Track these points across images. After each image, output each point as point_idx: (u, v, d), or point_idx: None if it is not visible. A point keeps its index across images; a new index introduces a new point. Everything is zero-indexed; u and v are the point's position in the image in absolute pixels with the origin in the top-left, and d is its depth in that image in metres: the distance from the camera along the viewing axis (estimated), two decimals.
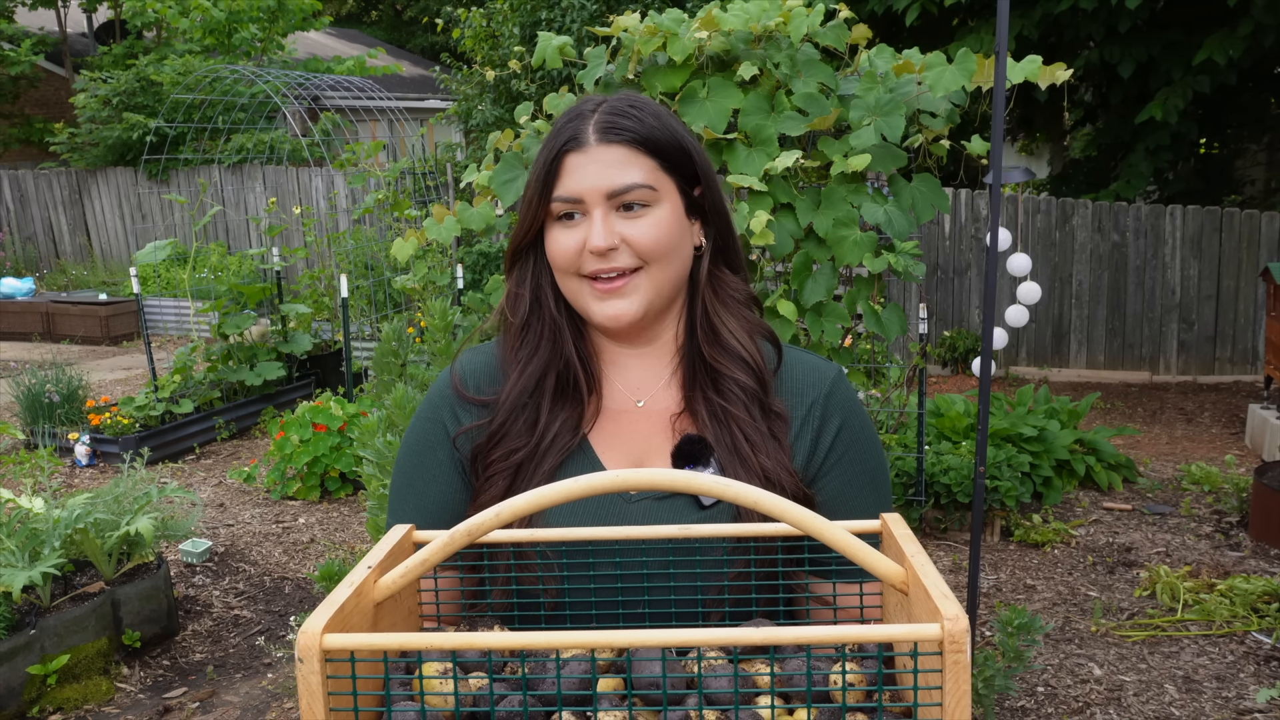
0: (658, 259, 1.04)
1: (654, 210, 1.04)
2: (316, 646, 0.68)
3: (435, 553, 0.75)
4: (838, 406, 1.09)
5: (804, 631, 0.67)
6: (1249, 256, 6.92)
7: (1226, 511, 4.43)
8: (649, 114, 1.05)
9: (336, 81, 9.52)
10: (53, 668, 3.02)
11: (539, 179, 1.05)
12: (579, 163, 1.03)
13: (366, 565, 0.80)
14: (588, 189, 1.02)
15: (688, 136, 1.08)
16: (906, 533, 0.84)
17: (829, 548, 0.93)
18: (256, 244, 10.76)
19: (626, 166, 1.02)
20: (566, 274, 1.06)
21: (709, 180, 1.10)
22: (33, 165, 12.92)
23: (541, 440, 1.06)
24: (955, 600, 0.68)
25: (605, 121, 1.03)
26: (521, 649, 0.69)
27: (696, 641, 0.67)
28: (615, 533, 0.91)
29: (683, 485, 0.72)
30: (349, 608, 0.74)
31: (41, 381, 5.71)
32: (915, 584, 0.74)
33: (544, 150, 1.06)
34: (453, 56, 10.26)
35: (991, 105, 2.24)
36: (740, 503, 0.72)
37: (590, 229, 1.03)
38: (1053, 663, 3.23)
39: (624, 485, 0.72)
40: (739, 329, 1.10)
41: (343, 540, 4.45)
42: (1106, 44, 7.51)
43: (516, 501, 0.73)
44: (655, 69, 2.64)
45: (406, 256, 3.00)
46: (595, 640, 0.66)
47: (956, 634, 0.65)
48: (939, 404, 4.90)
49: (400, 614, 0.89)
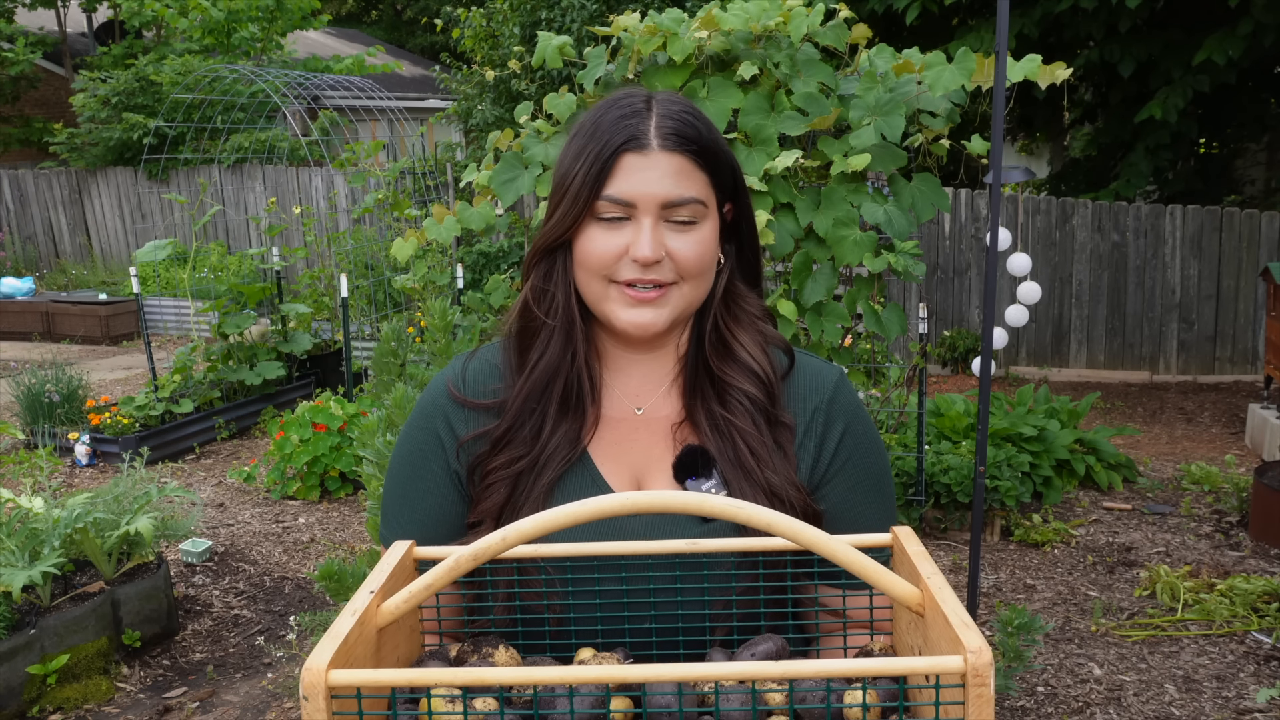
0: (695, 277, 1.02)
1: (701, 227, 1.01)
2: (322, 684, 0.67)
3: (440, 578, 0.74)
4: (841, 411, 1.08)
5: (823, 665, 0.66)
6: (1249, 256, 6.92)
7: (1226, 511, 4.43)
8: (704, 124, 1.02)
9: (336, 81, 9.52)
10: (53, 667, 3.02)
11: (590, 173, 0.98)
12: (638, 165, 0.97)
13: (369, 590, 0.79)
14: (644, 195, 0.97)
15: (729, 151, 1.05)
16: (920, 550, 0.83)
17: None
18: (256, 244, 10.75)
19: (686, 179, 0.98)
20: (596, 276, 1.01)
21: (744, 194, 1.07)
22: (32, 165, 12.91)
23: (543, 450, 1.04)
24: (977, 630, 0.66)
25: (669, 127, 0.99)
26: (533, 684, 0.67)
27: (713, 676, 0.66)
28: (621, 548, 0.89)
29: (694, 508, 0.71)
30: (353, 639, 0.73)
31: (41, 381, 5.70)
32: (933, 608, 0.73)
33: (592, 144, 0.99)
34: (453, 56, 10.25)
35: (991, 105, 2.24)
36: (753, 525, 0.71)
37: (637, 236, 0.98)
38: (1053, 662, 3.23)
39: (633, 508, 0.71)
40: (752, 343, 1.07)
41: (343, 540, 4.45)
42: (1106, 43, 7.51)
43: (523, 525, 0.72)
44: (655, 69, 2.64)
45: (406, 256, 3.00)
46: (607, 675, 0.65)
47: (980, 667, 0.64)
48: (939, 404, 4.89)
49: (403, 632, 0.88)
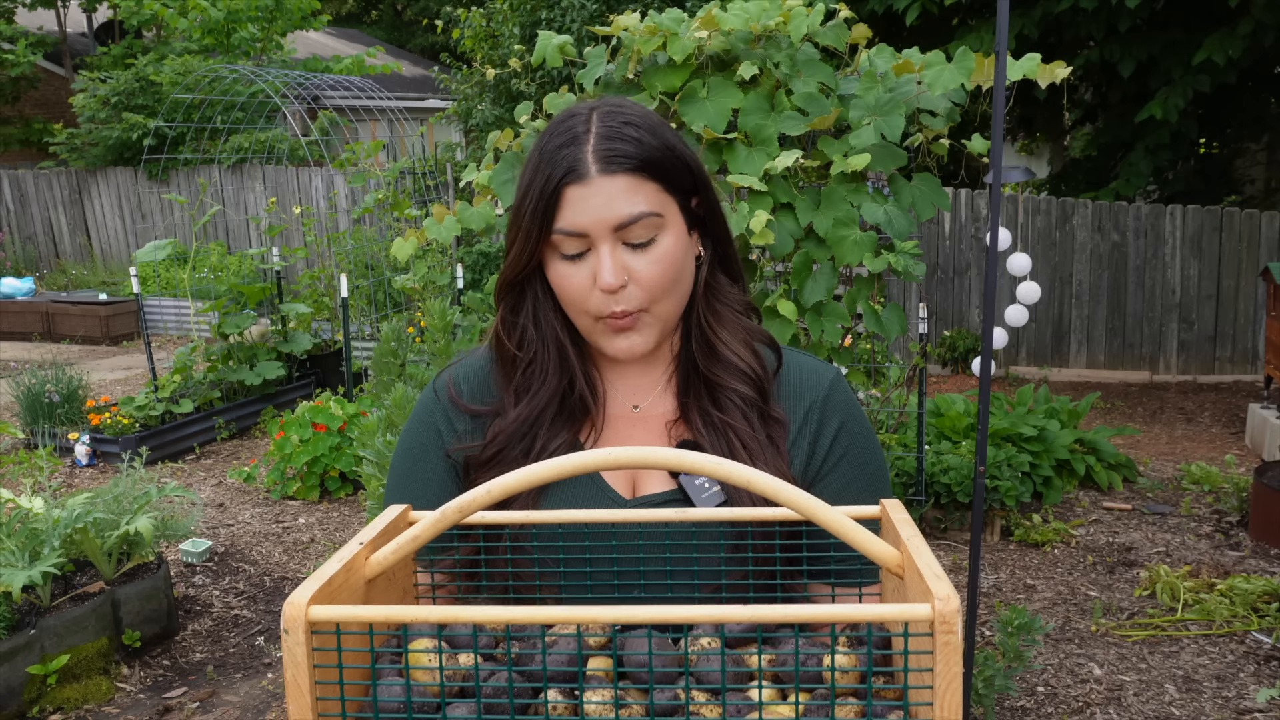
0: (665, 294, 1.02)
1: (660, 241, 1.00)
2: (302, 617, 0.68)
3: (426, 530, 0.75)
4: (836, 408, 1.09)
5: (793, 610, 0.66)
6: (1249, 256, 6.92)
7: (1226, 511, 4.43)
8: (645, 130, 1.00)
9: (336, 81, 9.52)
10: (53, 668, 3.02)
11: (536, 210, 0.99)
12: (580, 195, 0.97)
13: (359, 541, 0.80)
14: (592, 222, 0.98)
15: (681, 147, 1.04)
16: (904, 518, 0.83)
17: (826, 548, 0.93)
18: (256, 244, 10.76)
19: (631, 195, 0.98)
20: (579, 313, 1.03)
21: (706, 189, 1.07)
22: (32, 165, 12.91)
23: (541, 456, 1.05)
24: (947, 580, 0.67)
25: (605, 150, 0.98)
26: (509, 623, 0.69)
27: (685, 618, 0.66)
28: (612, 515, 0.91)
29: (674, 463, 0.72)
30: (337, 582, 0.74)
31: (41, 381, 5.70)
32: (910, 567, 0.74)
33: (538, 178, 0.99)
34: (453, 56, 10.25)
35: (991, 104, 2.24)
36: (733, 482, 0.72)
37: (599, 265, 0.99)
38: (1053, 662, 3.23)
39: (613, 463, 0.72)
40: (735, 340, 1.08)
41: (343, 540, 4.45)
42: (1106, 43, 7.50)
43: (506, 479, 0.72)
44: (655, 69, 2.64)
45: (406, 256, 3.00)
46: (583, 616, 0.66)
47: (947, 614, 0.64)
48: (939, 404, 4.89)
49: (394, 594, 0.89)
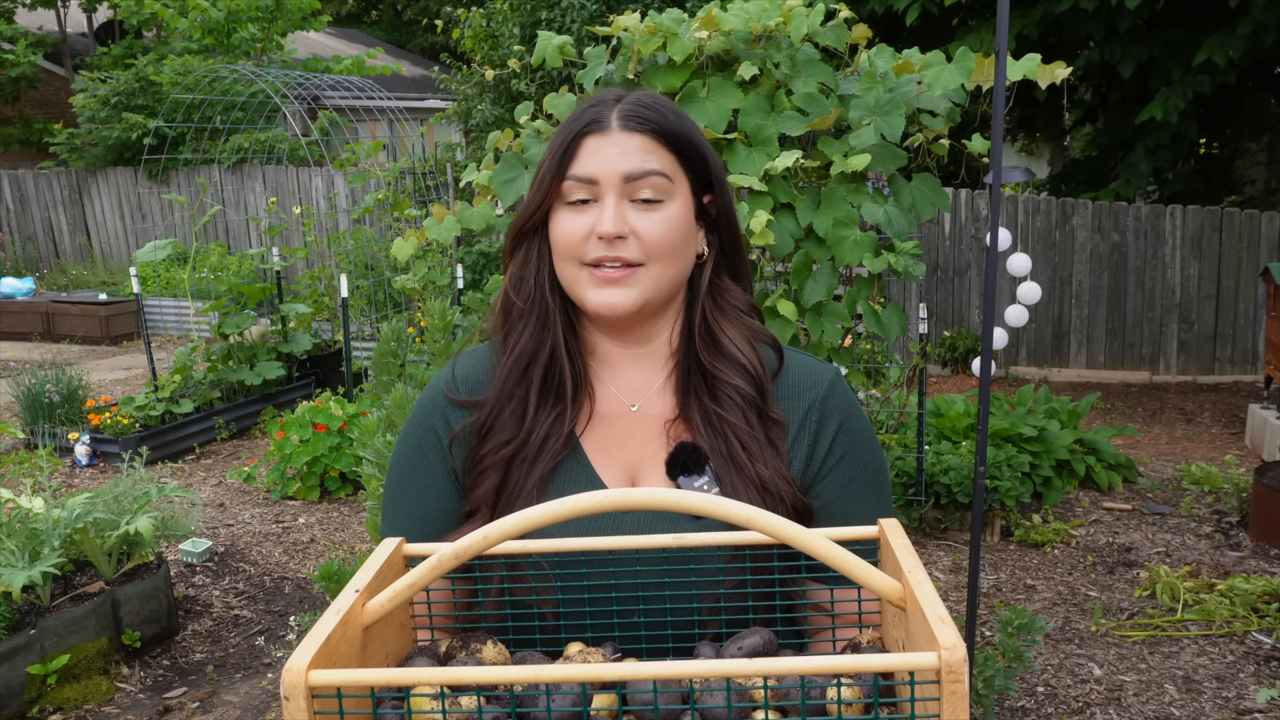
0: (662, 257, 1.03)
1: (666, 206, 1.03)
2: (302, 684, 0.66)
3: (423, 576, 0.75)
4: (835, 409, 1.09)
5: (800, 662, 0.66)
6: (1249, 256, 6.92)
7: (1226, 511, 4.43)
8: (672, 111, 1.06)
9: (336, 81, 9.52)
10: (53, 668, 3.02)
11: (554, 157, 1.03)
12: (598, 145, 1.02)
13: (354, 589, 0.79)
14: (605, 171, 1.01)
15: (705, 143, 1.08)
16: (904, 543, 0.83)
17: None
18: (256, 244, 10.75)
19: (647, 154, 1.02)
20: (567, 259, 1.04)
21: (722, 188, 1.09)
22: (32, 165, 12.91)
23: (531, 435, 1.05)
24: (953, 626, 0.66)
25: (629, 110, 1.04)
26: (511, 683, 0.68)
27: (690, 673, 0.66)
28: (609, 543, 0.89)
29: (673, 505, 0.72)
30: (335, 639, 0.73)
31: (41, 381, 5.70)
32: (912, 603, 0.73)
33: (561, 132, 1.05)
34: (453, 56, 10.24)
35: (991, 104, 2.24)
36: (734, 522, 0.72)
37: (601, 214, 1.01)
38: (1053, 663, 3.23)
39: (614, 506, 0.72)
40: (739, 337, 1.09)
41: (343, 540, 4.45)
42: (1106, 44, 7.50)
43: (504, 524, 0.72)
44: (655, 69, 2.64)
45: (406, 256, 2.99)
46: (588, 674, 0.65)
47: (954, 664, 0.63)
48: (939, 404, 4.89)
49: (392, 629, 0.87)
